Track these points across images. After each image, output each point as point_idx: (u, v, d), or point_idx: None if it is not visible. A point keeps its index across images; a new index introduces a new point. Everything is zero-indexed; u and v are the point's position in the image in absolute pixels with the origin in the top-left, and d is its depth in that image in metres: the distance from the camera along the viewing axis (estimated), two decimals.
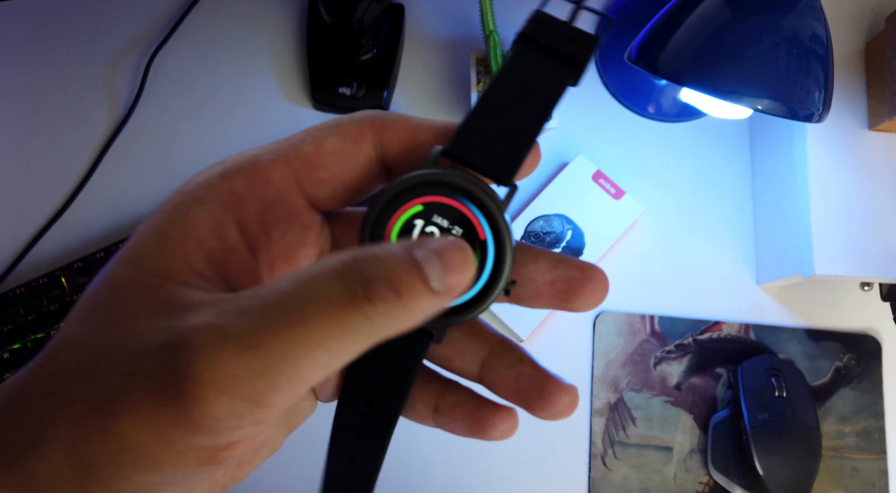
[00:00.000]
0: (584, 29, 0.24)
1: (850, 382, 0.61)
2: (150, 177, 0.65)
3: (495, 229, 0.21)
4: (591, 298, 0.22)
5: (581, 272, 0.22)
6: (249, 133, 0.66)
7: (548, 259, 0.22)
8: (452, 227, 0.21)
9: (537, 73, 0.23)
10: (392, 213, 0.21)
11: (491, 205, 0.21)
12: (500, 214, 0.21)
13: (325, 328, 0.16)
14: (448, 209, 0.21)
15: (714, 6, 0.49)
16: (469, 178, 0.21)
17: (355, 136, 0.22)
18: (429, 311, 0.18)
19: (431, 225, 0.21)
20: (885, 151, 0.57)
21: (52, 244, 0.63)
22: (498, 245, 0.21)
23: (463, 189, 0.21)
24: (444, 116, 0.66)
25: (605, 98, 0.67)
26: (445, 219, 0.21)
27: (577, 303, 0.22)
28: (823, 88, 0.49)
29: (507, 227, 0.21)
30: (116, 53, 0.68)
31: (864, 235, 0.55)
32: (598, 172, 0.63)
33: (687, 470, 0.59)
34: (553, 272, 0.22)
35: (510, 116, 0.22)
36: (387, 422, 0.22)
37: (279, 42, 0.68)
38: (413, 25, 0.69)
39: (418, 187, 0.21)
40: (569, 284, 0.22)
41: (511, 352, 0.23)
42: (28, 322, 0.59)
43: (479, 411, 0.22)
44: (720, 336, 0.62)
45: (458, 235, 0.21)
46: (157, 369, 0.16)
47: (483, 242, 0.21)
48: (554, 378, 0.22)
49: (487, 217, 0.21)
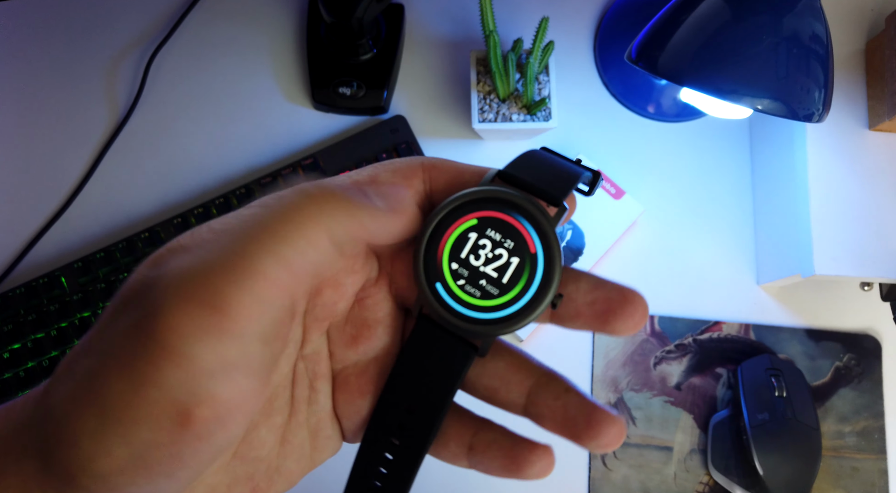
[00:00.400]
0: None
1: (850, 382, 0.61)
2: (151, 177, 0.65)
3: (546, 244, 0.22)
4: (630, 321, 0.21)
5: (621, 295, 0.22)
6: (249, 133, 0.66)
7: (588, 280, 0.22)
8: (505, 240, 0.22)
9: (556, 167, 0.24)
10: (447, 226, 0.23)
11: (542, 220, 0.22)
12: (551, 230, 0.22)
13: (273, 216, 0.18)
14: (501, 224, 0.22)
15: (714, 6, 0.49)
16: (522, 195, 0.22)
17: (406, 172, 0.23)
18: (374, 215, 0.20)
19: (485, 238, 0.22)
20: (885, 151, 0.57)
21: (52, 244, 0.63)
22: (547, 259, 0.22)
23: (516, 205, 0.22)
24: (445, 115, 0.66)
25: (605, 98, 0.67)
26: (498, 233, 0.22)
27: (616, 325, 0.22)
28: (823, 88, 0.49)
29: (557, 243, 0.22)
30: (116, 53, 0.68)
31: (864, 234, 0.55)
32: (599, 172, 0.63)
33: (687, 470, 0.59)
34: (593, 293, 0.22)
35: (556, 158, 0.24)
36: (422, 440, 0.23)
37: (279, 42, 0.68)
38: (413, 25, 0.69)
39: (473, 203, 0.22)
40: (608, 306, 0.22)
41: (557, 382, 0.22)
42: (28, 322, 0.59)
43: (514, 449, 0.22)
44: (720, 336, 0.62)
45: (509, 248, 0.22)
46: (136, 307, 0.18)
47: (533, 256, 0.22)
48: (601, 408, 0.21)
49: (539, 232, 0.22)
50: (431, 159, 0.24)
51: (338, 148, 0.64)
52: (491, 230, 0.22)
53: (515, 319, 0.22)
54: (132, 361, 0.17)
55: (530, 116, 0.61)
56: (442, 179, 0.23)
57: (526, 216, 0.22)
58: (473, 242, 0.22)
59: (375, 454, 0.23)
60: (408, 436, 0.23)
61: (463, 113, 0.66)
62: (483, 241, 0.22)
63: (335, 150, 0.64)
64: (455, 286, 0.22)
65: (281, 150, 0.66)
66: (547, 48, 0.60)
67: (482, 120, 0.61)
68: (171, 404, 0.17)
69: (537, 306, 0.22)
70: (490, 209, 0.22)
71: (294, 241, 0.18)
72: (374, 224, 0.20)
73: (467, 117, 0.66)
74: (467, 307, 0.22)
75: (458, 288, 0.22)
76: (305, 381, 0.23)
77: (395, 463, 0.23)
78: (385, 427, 0.23)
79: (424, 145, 0.65)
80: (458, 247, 0.23)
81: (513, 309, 0.22)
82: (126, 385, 0.17)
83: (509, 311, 0.22)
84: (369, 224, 0.20)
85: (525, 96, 0.60)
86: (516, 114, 0.61)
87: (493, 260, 0.22)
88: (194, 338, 0.17)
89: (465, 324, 0.22)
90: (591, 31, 0.69)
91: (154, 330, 0.17)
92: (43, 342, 0.59)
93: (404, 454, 0.23)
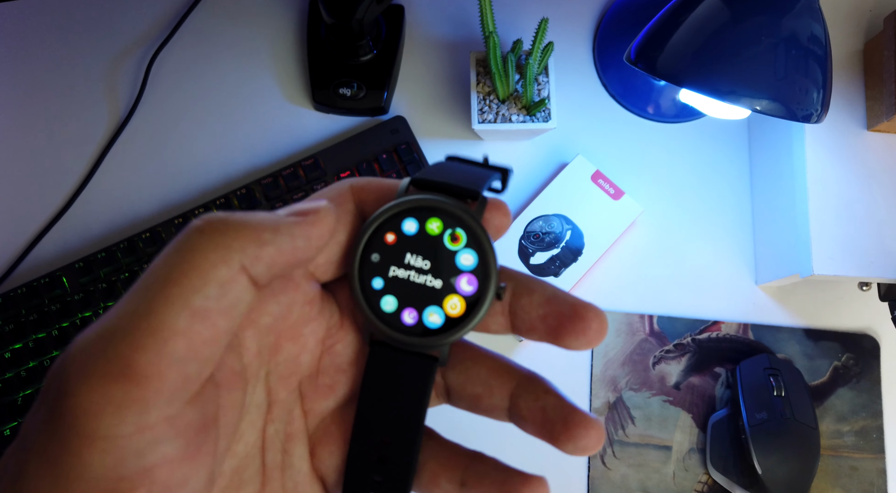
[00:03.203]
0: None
1: (848, 381, 0.61)
2: (151, 177, 0.65)
3: (474, 239, 0.22)
4: (583, 338, 0.21)
5: (572, 310, 0.21)
6: (250, 134, 0.66)
7: (543, 293, 0.21)
8: (435, 245, 0.22)
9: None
10: (376, 244, 0.22)
11: (465, 216, 0.22)
12: (477, 224, 0.22)
13: (168, 265, 0.17)
14: (428, 230, 0.22)
15: (713, 7, 0.49)
16: (440, 197, 0.22)
17: (336, 197, 0.22)
18: (288, 235, 0.19)
19: (415, 247, 0.22)
20: (884, 152, 0.57)
21: (53, 244, 0.63)
22: (480, 254, 0.22)
23: (437, 208, 0.22)
24: (445, 116, 0.67)
25: (605, 99, 0.68)
26: (427, 239, 0.22)
27: (567, 341, 0.21)
28: (822, 89, 0.49)
29: (486, 235, 0.22)
30: (117, 54, 0.68)
31: (863, 235, 0.56)
32: (598, 173, 0.63)
33: (686, 469, 0.59)
34: (545, 307, 0.21)
35: (465, 163, 0.24)
36: (405, 467, 0.22)
37: (279, 43, 0.68)
38: (413, 26, 0.69)
39: (396, 216, 0.22)
40: (559, 321, 0.21)
41: (537, 384, 0.22)
42: (29, 322, 0.59)
43: (507, 482, 0.22)
44: (719, 336, 0.62)
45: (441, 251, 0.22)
46: (46, 396, 0.16)
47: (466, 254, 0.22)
48: (579, 411, 0.21)
49: (465, 229, 0.22)
50: (359, 180, 0.23)
51: (338, 148, 0.64)
52: (419, 238, 0.22)
53: (465, 319, 0.22)
54: (53, 454, 0.15)
55: (530, 117, 0.61)
56: (371, 199, 0.23)
57: (449, 216, 0.22)
58: (406, 254, 0.22)
59: (361, 488, 0.22)
60: (389, 469, 0.22)
61: (463, 114, 0.67)
62: (414, 250, 0.22)
63: (335, 150, 0.64)
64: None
65: (281, 150, 0.66)
66: (546, 49, 0.60)
67: (482, 121, 0.61)
68: (104, 491, 0.15)
69: (481, 305, 0.21)
70: (414, 217, 0.22)
71: (202, 288, 0.17)
72: (290, 242, 0.19)
73: (467, 118, 0.66)
74: None
75: None
76: (277, 445, 0.22)
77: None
78: (364, 466, 0.22)
79: (424, 146, 0.66)
80: (391, 262, 0.22)
81: (461, 313, 0.22)
82: (51, 483, 0.15)
83: (454, 316, 0.22)
84: (284, 244, 0.18)
85: (525, 97, 0.60)
86: (516, 115, 0.61)
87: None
88: (110, 416, 0.15)
89: (416, 338, 0.22)
90: (591, 32, 0.69)
91: (67, 415, 0.15)
92: (44, 342, 0.59)
93: (390, 486, 0.22)
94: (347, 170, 0.63)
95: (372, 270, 0.22)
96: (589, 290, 0.63)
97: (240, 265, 0.17)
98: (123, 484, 0.15)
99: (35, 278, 0.60)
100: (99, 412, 0.15)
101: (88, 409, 0.15)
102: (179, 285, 0.16)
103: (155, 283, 0.17)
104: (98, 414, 0.15)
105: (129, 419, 0.15)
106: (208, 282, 0.17)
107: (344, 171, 0.63)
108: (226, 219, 0.18)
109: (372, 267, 0.22)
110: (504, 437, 0.61)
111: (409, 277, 0.22)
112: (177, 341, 0.16)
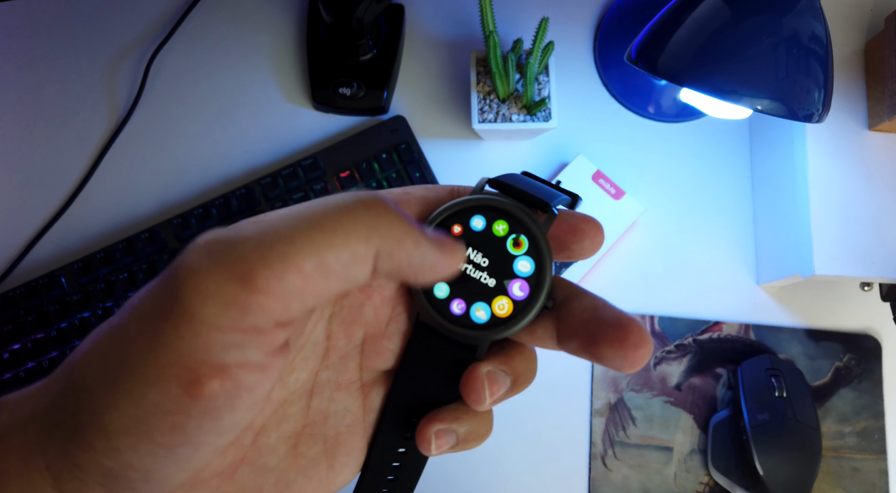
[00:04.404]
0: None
1: (850, 382, 0.61)
2: (150, 177, 0.65)
3: (536, 249, 0.22)
4: (619, 348, 0.20)
5: (615, 318, 0.21)
6: (249, 133, 0.66)
7: (592, 301, 0.22)
8: (497, 246, 0.23)
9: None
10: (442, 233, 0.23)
11: (533, 226, 0.22)
12: (542, 236, 0.22)
13: (324, 213, 0.18)
14: (494, 231, 0.23)
15: (714, 6, 0.49)
16: (513, 202, 0.23)
17: (439, 191, 0.24)
18: (423, 253, 0.19)
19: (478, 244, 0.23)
20: (885, 152, 0.57)
21: (52, 244, 0.63)
22: (538, 263, 0.22)
23: (508, 212, 0.22)
24: (445, 115, 0.66)
25: (605, 98, 0.67)
26: (491, 239, 0.23)
27: (603, 350, 0.20)
28: (823, 88, 0.49)
29: (548, 247, 0.22)
30: (117, 54, 0.68)
31: (864, 235, 0.55)
32: (598, 173, 0.63)
33: (687, 470, 0.59)
34: (590, 312, 0.22)
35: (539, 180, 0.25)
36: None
37: (279, 42, 0.68)
38: (413, 25, 0.69)
39: (467, 210, 0.23)
40: (600, 327, 0.21)
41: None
42: (28, 323, 0.59)
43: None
44: (720, 336, 0.62)
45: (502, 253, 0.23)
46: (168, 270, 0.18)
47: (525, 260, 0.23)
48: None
49: (529, 237, 0.22)
50: (461, 188, 0.24)
51: (338, 148, 0.64)
52: (483, 236, 0.23)
53: (507, 323, 0.22)
54: (155, 318, 0.17)
55: (530, 117, 0.61)
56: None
57: (517, 222, 0.22)
58: (468, 248, 0.23)
59: (383, 464, 0.23)
60: (412, 449, 0.23)
61: (463, 113, 0.66)
62: (477, 246, 0.23)
63: (335, 150, 0.64)
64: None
65: (281, 150, 0.66)
66: (547, 48, 0.60)
67: (482, 120, 0.61)
68: (183, 370, 0.17)
69: (530, 310, 0.22)
70: (483, 215, 0.23)
71: (339, 250, 0.18)
72: (420, 261, 0.20)
73: (467, 118, 0.66)
74: None
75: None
76: (326, 392, 0.23)
77: (401, 472, 0.23)
78: (391, 440, 0.23)
79: (424, 146, 0.66)
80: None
81: (507, 314, 0.22)
82: (145, 342, 0.17)
83: (502, 315, 0.22)
84: (415, 259, 0.19)
85: (525, 97, 0.60)
86: (516, 114, 0.61)
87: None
88: (216, 306, 0.17)
89: (460, 329, 0.23)
90: (591, 31, 0.69)
91: (179, 290, 0.17)
92: (43, 343, 0.59)
93: (410, 464, 0.23)
94: (347, 170, 0.63)
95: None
96: (590, 290, 0.63)
97: (375, 252, 0.18)
98: (204, 368, 0.17)
99: (34, 279, 0.60)
100: (207, 299, 0.16)
101: (200, 292, 0.17)
102: (323, 233, 0.17)
103: (307, 217, 0.18)
104: (205, 301, 0.16)
105: (229, 314, 0.17)
106: (346, 248, 0.18)
107: (344, 171, 0.63)
108: (387, 206, 0.19)
109: None
110: (504, 438, 0.60)
111: (466, 270, 0.23)
112: (296, 277, 0.17)
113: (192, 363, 0.17)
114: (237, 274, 0.17)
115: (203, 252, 0.17)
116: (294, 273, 0.17)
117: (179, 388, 0.17)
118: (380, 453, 0.23)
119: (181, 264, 0.17)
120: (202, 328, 0.17)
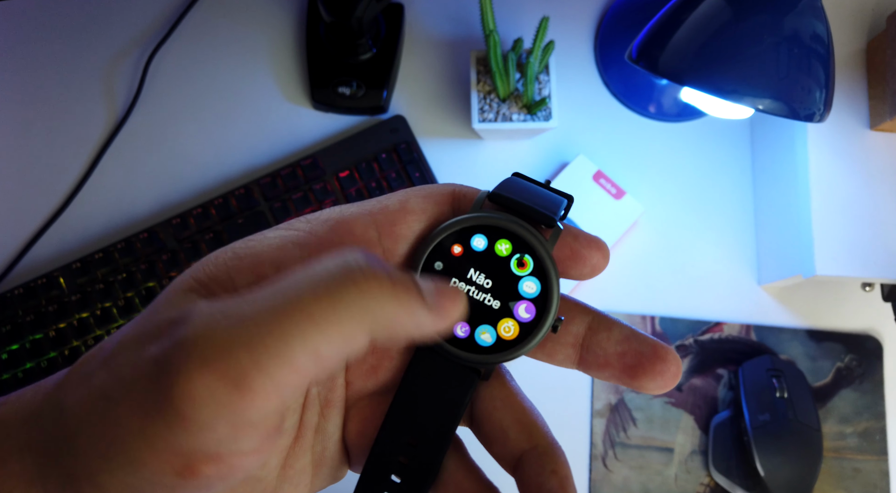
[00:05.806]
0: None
1: (851, 382, 0.61)
2: (149, 177, 0.65)
3: (542, 269, 0.22)
4: (660, 379, 0.21)
5: (652, 350, 0.21)
6: (249, 133, 0.66)
7: (622, 331, 0.22)
8: (501, 266, 0.22)
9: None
10: (444, 253, 0.22)
11: (537, 245, 0.22)
12: (547, 255, 0.22)
13: (315, 300, 0.17)
14: (497, 251, 0.22)
15: (715, 5, 0.49)
16: (516, 220, 0.22)
17: (438, 198, 0.23)
18: (419, 322, 0.18)
19: (481, 265, 0.22)
20: (887, 151, 0.57)
21: (50, 245, 0.63)
22: (544, 284, 0.22)
23: (512, 232, 0.22)
24: (445, 115, 0.66)
25: (606, 98, 0.67)
26: (495, 259, 0.22)
27: (643, 381, 0.21)
28: (824, 88, 0.49)
29: (554, 266, 0.22)
30: (115, 53, 0.67)
31: (866, 235, 0.55)
32: (599, 172, 0.63)
33: (688, 471, 0.59)
34: (624, 344, 0.22)
35: (536, 184, 0.24)
36: (425, 474, 0.22)
37: (279, 42, 0.68)
38: (413, 25, 0.68)
39: (469, 230, 0.22)
40: (637, 360, 0.21)
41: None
42: (26, 323, 0.59)
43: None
44: (721, 337, 0.62)
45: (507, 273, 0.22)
46: (157, 351, 0.17)
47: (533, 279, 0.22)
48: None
49: (534, 257, 0.22)
50: (462, 188, 0.23)
51: (337, 148, 0.63)
52: (486, 256, 0.22)
53: (514, 346, 0.22)
54: (146, 411, 0.17)
55: (530, 116, 0.61)
56: (467, 209, 0.23)
57: (520, 241, 0.22)
58: (470, 269, 0.22)
59: (377, 485, 0.23)
60: (410, 472, 0.22)
61: (463, 113, 0.66)
62: (479, 267, 0.22)
63: (334, 150, 0.63)
64: None
65: (280, 150, 0.66)
66: (547, 48, 0.60)
67: (482, 120, 0.61)
68: (177, 457, 0.17)
69: (537, 333, 0.22)
70: (484, 234, 0.22)
71: (330, 335, 0.17)
72: (418, 324, 0.19)
73: (467, 117, 0.66)
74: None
75: None
76: (316, 407, 0.23)
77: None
78: (385, 464, 0.22)
79: (424, 145, 0.65)
80: (454, 274, 0.22)
81: (515, 336, 0.22)
82: (136, 427, 0.17)
83: (508, 338, 0.22)
84: (409, 325, 0.19)
85: (525, 96, 0.60)
86: (516, 114, 0.61)
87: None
88: (209, 409, 0.16)
89: (464, 353, 0.22)
90: (592, 30, 0.68)
91: (171, 393, 0.16)
92: (41, 343, 0.59)
93: (406, 487, 0.22)
94: (347, 169, 0.63)
95: (434, 276, 0.22)
96: (590, 290, 0.63)
97: (369, 329, 0.18)
98: (198, 455, 0.17)
99: (32, 279, 0.60)
100: (200, 403, 0.16)
101: (192, 397, 0.16)
102: (316, 325, 0.17)
103: (289, 304, 0.17)
104: (198, 404, 0.16)
105: (224, 417, 0.16)
106: (340, 337, 0.17)
107: (343, 170, 0.63)
108: (380, 282, 0.18)
109: (434, 274, 0.22)
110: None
111: (468, 291, 0.22)
112: (291, 374, 0.17)
113: (186, 452, 0.17)
114: (230, 378, 0.16)
115: (193, 351, 0.17)
116: (288, 371, 0.17)
117: (173, 472, 0.17)
118: (376, 470, 0.23)
119: (172, 352, 0.17)
120: (194, 428, 0.17)
